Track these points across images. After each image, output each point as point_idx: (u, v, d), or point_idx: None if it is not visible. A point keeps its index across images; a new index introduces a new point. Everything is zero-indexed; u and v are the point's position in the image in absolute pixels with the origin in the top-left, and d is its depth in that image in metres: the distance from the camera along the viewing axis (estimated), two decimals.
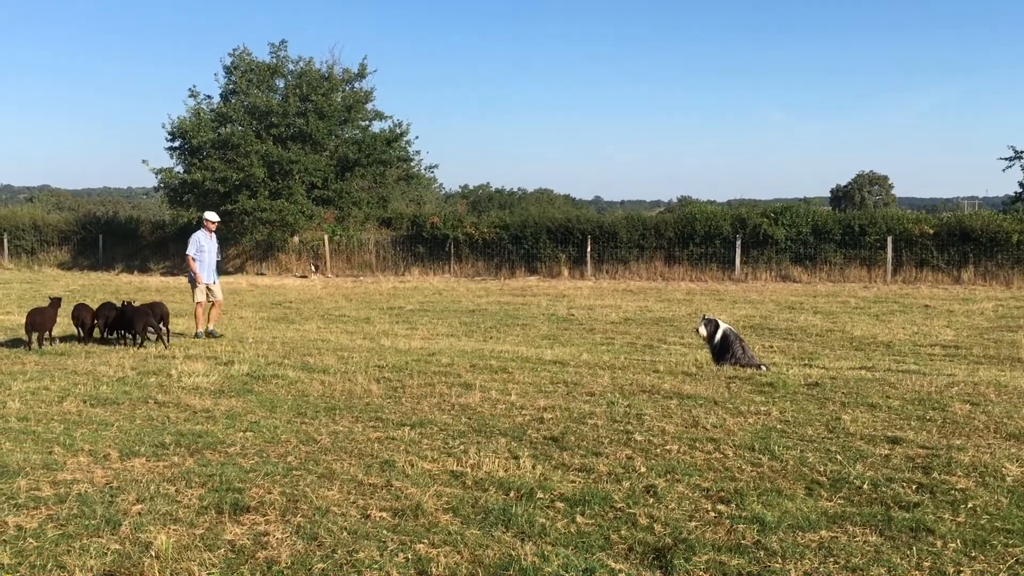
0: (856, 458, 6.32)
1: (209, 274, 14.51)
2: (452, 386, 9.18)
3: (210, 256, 14.57)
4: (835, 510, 5.22)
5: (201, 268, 14.40)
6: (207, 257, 14.50)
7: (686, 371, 10.32)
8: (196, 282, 14.34)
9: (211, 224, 14.80)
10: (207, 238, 14.62)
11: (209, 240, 14.63)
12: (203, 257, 14.45)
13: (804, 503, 5.33)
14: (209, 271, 14.52)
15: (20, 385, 9.08)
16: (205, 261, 14.47)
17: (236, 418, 7.67)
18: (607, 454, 6.43)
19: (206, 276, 14.44)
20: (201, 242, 14.53)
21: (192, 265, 14.42)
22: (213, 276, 14.61)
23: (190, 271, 14.56)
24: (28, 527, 4.92)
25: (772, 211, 31.38)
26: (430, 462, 6.21)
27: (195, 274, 14.36)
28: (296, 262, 34.84)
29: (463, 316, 19.72)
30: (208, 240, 14.61)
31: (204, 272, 14.42)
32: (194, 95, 35.00)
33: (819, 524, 4.98)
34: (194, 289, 14.44)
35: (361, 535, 4.77)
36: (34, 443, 6.76)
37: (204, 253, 14.48)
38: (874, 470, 6.03)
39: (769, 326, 17.46)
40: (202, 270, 14.40)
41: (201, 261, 14.42)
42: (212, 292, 14.49)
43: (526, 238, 32.43)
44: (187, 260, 14.61)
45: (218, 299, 14.65)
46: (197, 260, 14.39)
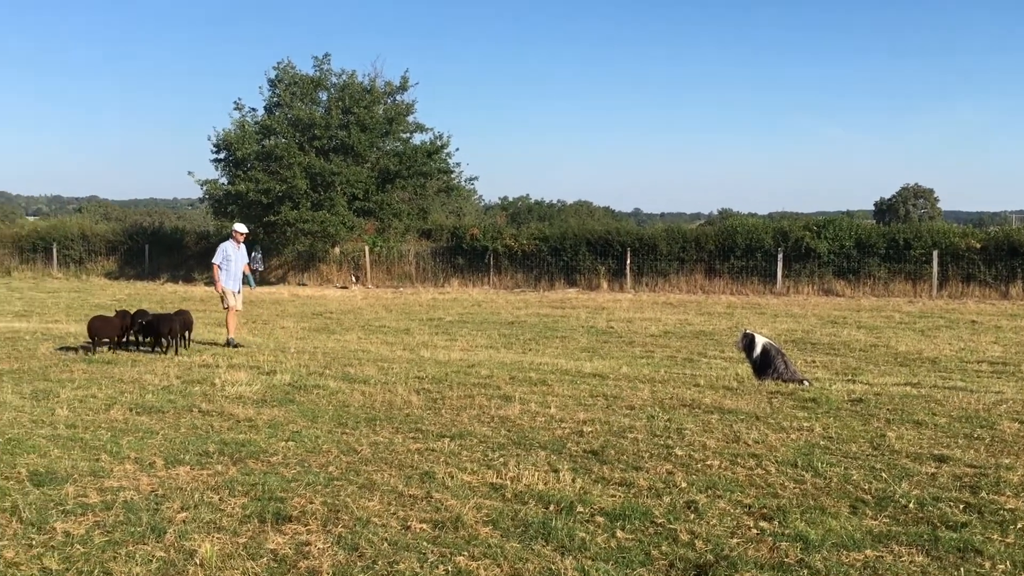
0: (902, 476, 6.22)
1: (234, 283, 14.79)
2: (491, 398, 9.19)
3: (236, 266, 14.83)
4: (880, 529, 5.14)
5: (227, 277, 14.69)
6: (233, 267, 14.77)
7: (727, 385, 10.24)
8: (218, 289, 14.68)
9: (239, 235, 15.07)
10: (234, 248, 14.88)
11: (236, 250, 14.89)
12: (229, 267, 14.72)
13: (848, 521, 5.25)
14: (234, 280, 14.80)
15: (68, 393, 9.26)
16: (231, 271, 14.75)
17: (278, 427, 7.74)
18: (647, 468, 6.40)
19: (231, 285, 14.72)
20: (228, 252, 14.79)
21: (216, 274, 14.71)
22: (238, 285, 14.89)
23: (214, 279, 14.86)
24: (76, 533, 5.01)
25: (815, 224, 31.04)
26: (470, 474, 6.22)
27: (217, 281, 14.69)
28: (337, 273, 35.14)
29: (502, 328, 19.74)
30: (235, 250, 14.87)
31: (229, 281, 14.70)
32: (239, 108, 35.54)
33: (864, 543, 4.90)
34: (223, 297, 14.73)
35: (401, 546, 4.79)
36: (82, 450, 6.88)
37: (230, 263, 14.75)
38: (920, 489, 5.93)
39: (811, 340, 17.24)
40: (227, 279, 14.69)
41: (227, 271, 14.70)
42: (235, 300, 14.80)
43: (565, 250, 32.40)
44: (212, 269, 14.91)
45: (237, 308, 14.91)
46: (223, 269, 14.67)
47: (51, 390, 9.43)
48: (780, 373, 10.74)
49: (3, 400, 8.81)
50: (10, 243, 40.75)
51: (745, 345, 11.36)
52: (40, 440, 7.15)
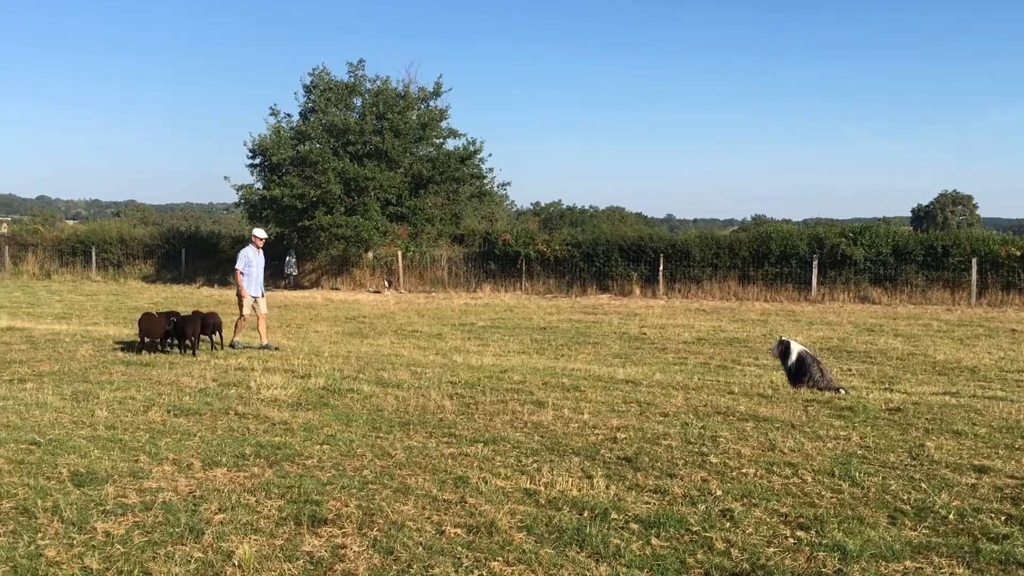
0: (941, 487, 6.13)
1: (257, 288, 14.99)
2: (525, 404, 9.19)
3: (258, 271, 15.03)
4: (920, 540, 5.07)
5: (249, 282, 14.88)
6: (255, 272, 14.97)
7: (762, 393, 10.16)
8: (242, 296, 14.81)
9: (259, 240, 15.27)
10: (255, 253, 15.07)
11: (257, 255, 15.10)
12: (251, 272, 14.92)
13: (887, 532, 5.19)
14: (257, 285, 15.00)
15: (108, 394, 9.40)
16: (253, 276, 14.95)
17: (313, 431, 7.80)
18: (682, 476, 6.37)
19: (254, 290, 14.93)
20: (249, 257, 14.97)
21: (239, 279, 14.85)
22: (260, 290, 15.08)
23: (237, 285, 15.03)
24: (116, 533, 5.08)
25: (851, 231, 30.70)
26: (503, 479, 6.23)
27: (241, 288, 14.82)
28: (370, 277, 35.34)
29: (534, 333, 19.73)
30: (256, 255, 15.08)
31: (252, 286, 14.91)
32: (275, 113, 35.90)
33: (903, 554, 4.84)
34: (241, 302, 14.90)
35: (436, 551, 4.81)
36: (121, 451, 6.98)
37: (252, 268, 14.94)
38: (960, 500, 5.84)
39: (847, 348, 17.06)
40: (249, 284, 14.88)
41: (249, 276, 14.89)
42: (258, 305, 14.99)
43: (598, 256, 32.34)
44: (235, 274, 15.06)
45: (263, 312, 15.09)
46: (245, 275, 14.84)
47: (91, 392, 9.58)
48: (816, 381, 10.66)
49: (44, 401, 8.96)
50: (50, 246, 41.45)
51: (780, 352, 11.32)
52: (80, 441, 7.26)
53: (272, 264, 36.45)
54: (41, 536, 5.04)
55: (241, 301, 14.87)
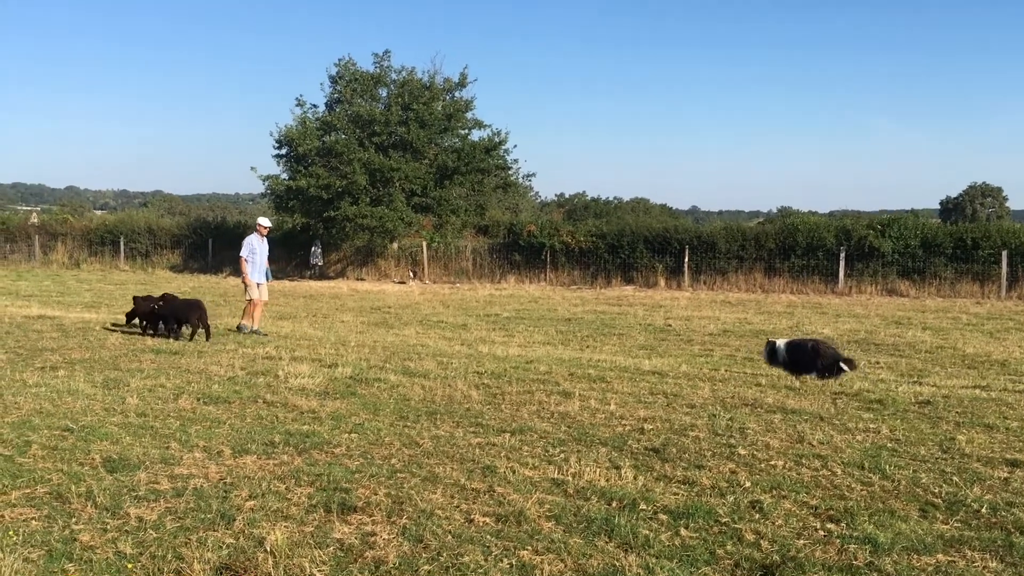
0: (973, 480, 6.07)
1: (260, 275, 15.46)
2: (551, 394, 9.20)
3: (261, 258, 15.52)
4: (952, 534, 5.03)
5: (253, 269, 15.37)
6: (259, 259, 15.46)
7: (789, 385, 10.10)
8: (246, 282, 15.36)
9: (263, 229, 15.83)
10: (259, 241, 15.60)
11: (261, 243, 15.60)
12: (255, 259, 15.43)
13: (919, 525, 5.15)
14: (260, 272, 15.48)
15: (138, 382, 9.50)
16: (257, 263, 15.44)
17: (341, 419, 7.85)
18: (710, 467, 6.35)
19: (257, 276, 15.41)
20: (254, 245, 15.50)
21: (244, 267, 15.39)
22: (262, 277, 15.53)
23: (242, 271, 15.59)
24: (148, 519, 5.14)
25: (879, 223, 30.43)
26: (531, 469, 6.24)
27: (245, 275, 15.35)
28: (395, 268, 35.45)
29: (559, 324, 19.71)
30: (260, 243, 15.58)
31: (256, 273, 15.39)
32: (301, 104, 36.03)
33: (935, 547, 4.80)
34: (247, 288, 15.39)
35: (465, 539, 4.82)
36: (152, 438, 7.05)
37: (256, 255, 15.45)
38: (993, 493, 5.79)
39: (875, 341, 16.90)
40: (253, 271, 15.37)
41: (253, 263, 15.39)
42: (260, 292, 15.46)
43: (623, 247, 32.26)
44: (240, 262, 15.57)
45: (264, 299, 15.56)
46: (249, 262, 15.36)
47: (121, 379, 9.68)
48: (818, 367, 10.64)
49: (77, 388, 9.06)
50: (80, 236, 41.91)
51: (768, 354, 11.59)
52: (112, 428, 7.35)
53: (298, 254, 36.88)
54: (75, 521, 5.10)
55: (247, 288, 15.40)
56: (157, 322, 14.28)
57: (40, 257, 41.40)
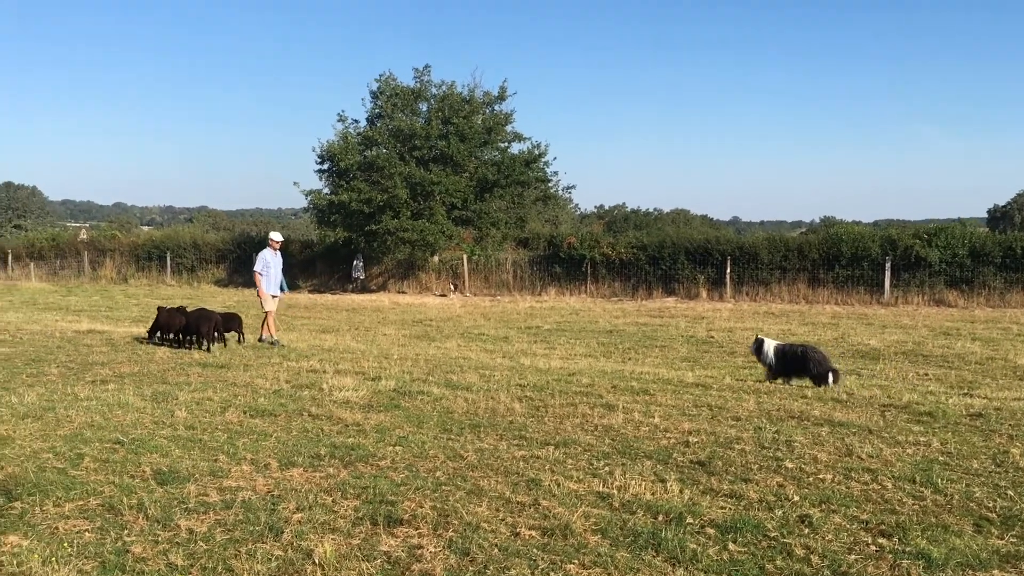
0: None
1: (274, 287, 16.01)
2: (594, 407, 9.17)
3: (276, 271, 16.03)
4: (1008, 549, 4.92)
5: (267, 282, 15.91)
6: (272, 272, 15.97)
7: (836, 397, 9.96)
8: (261, 295, 15.93)
9: (275, 243, 16.31)
10: (272, 255, 16.11)
11: (274, 257, 16.11)
12: (269, 272, 15.95)
13: (973, 540, 5.04)
14: (275, 285, 16.03)
15: (186, 395, 9.64)
16: (271, 276, 15.96)
17: (385, 432, 7.89)
18: (757, 481, 6.27)
19: (272, 289, 15.95)
20: (267, 259, 16.07)
21: (258, 280, 15.98)
22: (277, 289, 16.08)
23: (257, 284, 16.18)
24: (199, 530, 5.20)
25: (925, 232, 29.95)
26: (576, 482, 6.21)
27: (260, 288, 15.94)
28: (436, 281, 35.60)
29: (601, 336, 19.66)
30: (273, 257, 16.11)
31: (271, 285, 15.92)
32: (342, 119, 36.43)
33: (991, 563, 4.70)
34: (263, 301, 15.97)
35: (512, 552, 4.82)
36: (201, 451, 7.15)
37: (270, 268, 15.97)
38: None
39: (923, 352, 16.62)
40: (268, 284, 15.89)
41: (267, 276, 15.92)
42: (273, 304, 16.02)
43: (664, 259, 32.10)
44: (254, 276, 16.16)
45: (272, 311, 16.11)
46: (263, 275, 15.90)
47: (170, 393, 9.83)
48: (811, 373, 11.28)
49: (127, 402, 9.22)
50: (127, 251, 42.69)
51: (755, 349, 12.25)
52: (162, 440, 7.46)
53: (340, 268, 37.19)
54: (127, 532, 5.18)
55: (263, 300, 15.95)
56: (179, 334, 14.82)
57: (89, 272, 42.24)
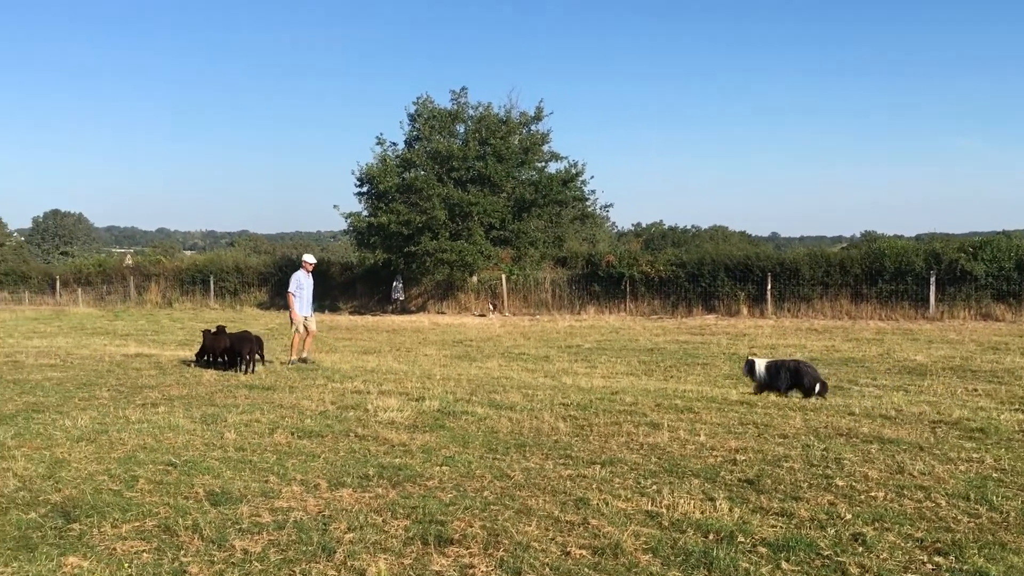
0: None
1: (307, 308, 16.39)
2: (639, 425, 9.14)
3: (308, 292, 16.43)
4: None
5: (300, 304, 16.27)
6: (305, 294, 16.37)
7: (884, 414, 9.83)
8: (294, 317, 16.22)
9: (308, 265, 16.73)
10: (305, 277, 16.50)
11: (307, 278, 16.51)
12: (302, 294, 16.34)
13: None
14: (307, 306, 16.42)
15: (234, 417, 9.77)
16: (304, 298, 16.34)
17: (431, 452, 7.93)
18: (807, 499, 6.22)
19: (305, 310, 16.31)
20: (300, 281, 16.39)
21: (291, 301, 16.26)
22: (309, 310, 16.46)
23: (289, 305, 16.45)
24: (253, 551, 5.27)
25: (970, 245, 29.54)
26: (624, 501, 6.20)
27: (292, 309, 16.20)
28: (475, 301, 35.75)
29: (641, 355, 19.60)
30: (307, 278, 16.49)
31: (303, 307, 16.29)
32: (381, 143, 36.85)
33: None
34: (293, 322, 16.31)
35: (564, 572, 4.82)
36: (251, 472, 7.24)
37: (303, 290, 16.37)
38: None
39: (971, 368, 16.35)
40: (301, 306, 16.26)
41: (300, 298, 16.29)
42: (308, 324, 16.37)
43: (703, 276, 31.96)
44: (288, 296, 16.46)
45: (312, 330, 16.51)
46: (297, 297, 16.24)
47: (219, 415, 9.97)
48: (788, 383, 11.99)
49: (177, 424, 9.37)
50: (172, 276, 43.43)
51: (747, 371, 12.75)
52: (213, 462, 7.57)
53: (380, 289, 37.49)
54: (183, 553, 5.27)
55: (293, 321, 16.29)
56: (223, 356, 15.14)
57: (135, 297, 43.00)
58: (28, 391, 12.20)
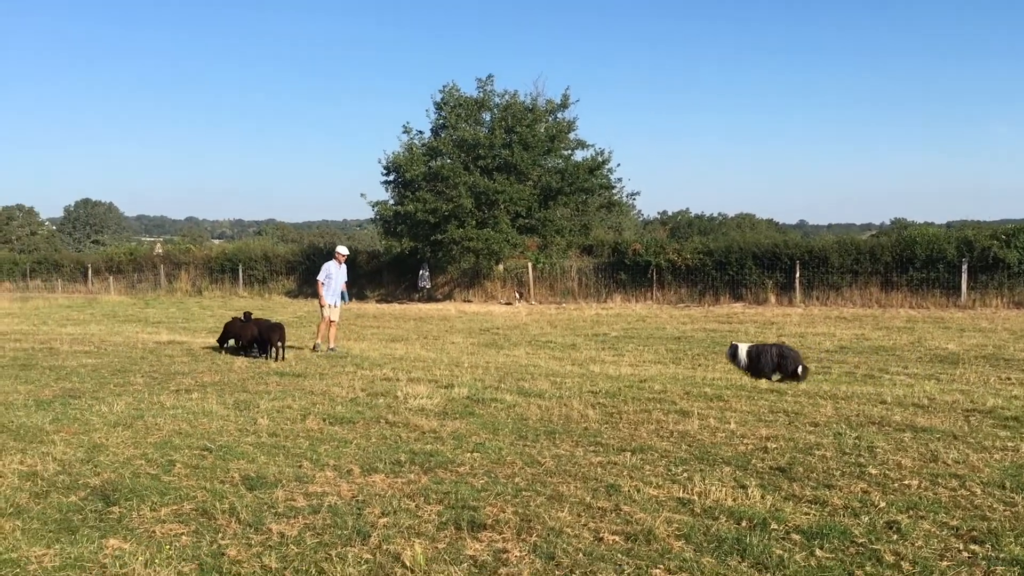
0: None
1: (334, 297, 16.54)
2: (668, 413, 9.14)
3: (337, 283, 16.64)
4: None
5: (328, 292, 16.49)
6: (334, 284, 16.60)
7: (917, 403, 9.76)
8: (322, 304, 16.50)
9: (341, 256, 16.92)
10: (336, 267, 16.67)
11: (339, 269, 16.68)
12: (330, 284, 16.53)
13: None
14: (335, 295, 16.57)
15: (267, 404, 9.88)
16: (332, 287, 16.53)
17: (462, 439, 7.98)
18: (840, 487, 6.20)
19: (332, 299, 16.48)
20: (330, 270, 16.60)
21: (320, 289, 16.55)
22: (337, 299, 16.62)
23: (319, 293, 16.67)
24: (289, 534, 5.35)
25: (1003, 233, 29.10)
26: (655, 488, 6.22)
27: (321, 297, 16.53)
28: (501, 289, 35.77)
29: (669, 343, 19.55)
30: (337, 269, 16.65)
31: (331, 296, 16.48)
32: (407, 131, 36.85)
33: None
34: (322, 309, 16.51)
35: (597, 557, 4.85)
36: (285, 457, 7.33)
37: (332, 280, 16.56)
38: None
39: (1004, 356, 16.17)
40: (329, 294, 16.47)
41: (328, 286, 16.49)
42: (332, 313, 16.54)
43: (731, 264, 31.76)
44: (317, 285, 16.76)
45: (334, 320, 16.63)
46: (325, 285, 16.50)
47: (251, 401, 10.09)
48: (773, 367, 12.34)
49: (210, 410, 9.49)
50: (201, 264, 43.81)
51: (730, 355, 13.21)
52: (247, 447, 7.67)
53: (407, 278, 37.62)
54: (221, 536, 5.35)
55: (323, 309, 16.52)
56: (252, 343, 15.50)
57: (165, 285, 43.43)
58: (64, 377, 12.40)
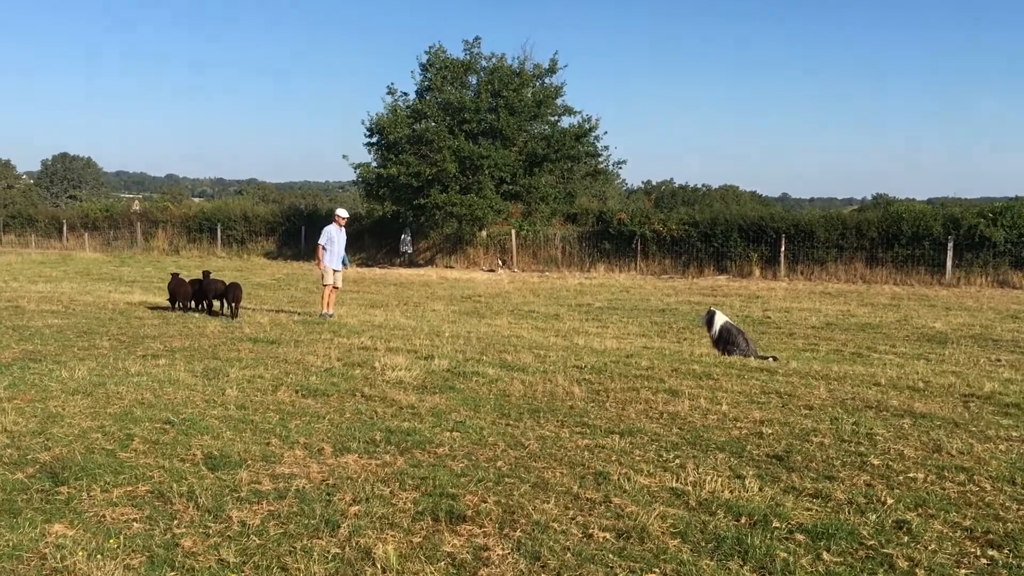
0: None
1: (337, 262, 16.07)
2: (657, 392, 8.76)
3: (339, 247, 16.08)
4: None
5: (329, 257, 16.00)
6: (336, 248, 16.04)
7: (912, 386, 9.43)
8: (321, 267, 16.12)
9: (341, 220, 16.45)
10: (337, 231, 16.17)
11: (339, 233, 16.17)
12: (332, 248, 16.02)
13: None
14: (337, 259, 16.09)
15: (237, 372, 9.40)
16: (334, 251, 16.03)
17: (441, 416, 7.57)
18: (842, 479, 5.83)
19: (334, 263, 16.01)
20: (331, 234, 16.22)
21: (320, 253, 16.06)
22: (337, 264, 16.11)
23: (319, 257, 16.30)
24: (251, 523, 4.91)
25: (990, 211, 28.93)
26: (647, 476, 5.83)
27: (320, 261, 16.01)
28: (484, 256, 35.31)
29: (653, 315, 19.23)
30: (338, 233, 16.15)
31: (332, 260, 16.01)
32: (392, 92, 36.13)
33: None
34: (323, 275, 16.09)
35: (586, 558, 4.45)
36: (252, 433, 6.88)
37: (333, 244, 16.04)
38: None
39: (992, 336, 15.95)
40: (330, 259, 15.98)
41: (330, 251, 16.01)
42: (335, 278, 16.10)
43: (716, 236, 31.44)
44: (317, 248, 16.32)
45: (336, 285, 16.21)
46: (327, 250, 15.98)
47: (221, 369, 9.60)
48: (742, 350, 12.18)
49: (178, 378, 9.01)
50: (179, 223, 43.03)
51: (707, 320, 13.21)
52: (213, 421, 7.21)
53: (388, 242, 37.03)
54: (177, 524, 4.91)
55: (324, 274, 16.09)
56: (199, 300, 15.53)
57: (142, 243, 42.63)
58: (27, 338, 11.87)
